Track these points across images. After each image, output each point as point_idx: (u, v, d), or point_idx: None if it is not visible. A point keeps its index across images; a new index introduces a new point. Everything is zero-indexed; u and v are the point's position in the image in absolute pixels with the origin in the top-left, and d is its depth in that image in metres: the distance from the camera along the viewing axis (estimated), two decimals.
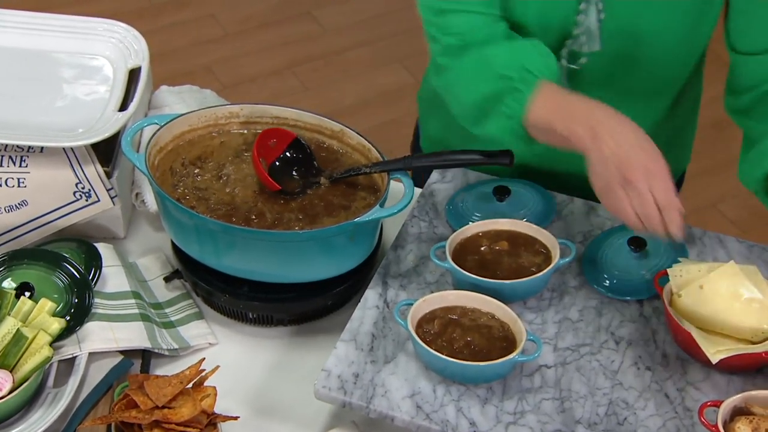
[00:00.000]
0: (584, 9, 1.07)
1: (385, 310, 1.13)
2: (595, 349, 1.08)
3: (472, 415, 1.02)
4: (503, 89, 1.04)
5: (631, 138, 0.96)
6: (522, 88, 1.03)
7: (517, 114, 1.03)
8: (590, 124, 0.97)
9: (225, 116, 1.25)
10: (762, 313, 1.03)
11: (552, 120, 1.01)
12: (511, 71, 1.04)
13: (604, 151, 0.96)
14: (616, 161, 0.95)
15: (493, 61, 1.05)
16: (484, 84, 1.05)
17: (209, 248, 1.14)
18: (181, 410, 0.97)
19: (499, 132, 1.06)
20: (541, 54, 1.05)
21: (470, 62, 1.07)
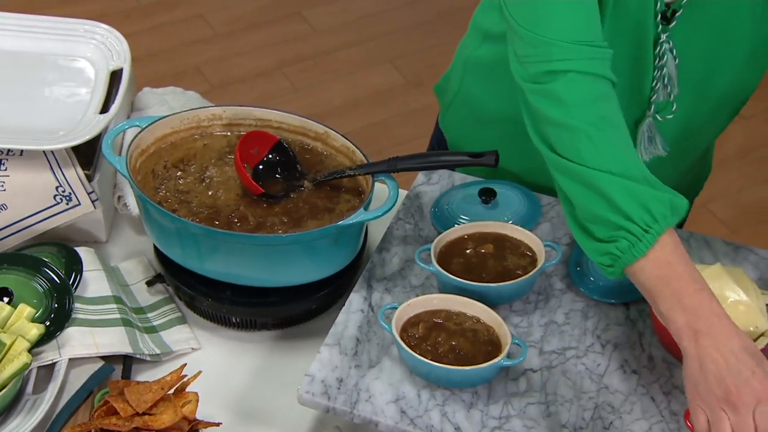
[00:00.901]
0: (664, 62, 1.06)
1: (369, 313, 1.12)
2: (581, 352, 1.07)
3: (457, 419, 1.01)
4: (617, 225, 0.93)
5: (736, 350, 0.88)
6: (642, 239, 0.92)
7: (624, 262, 0.94)
8: (695, 325, 0.89)
9: (208, 118, 1.24)
10: (748, 315, 1.02)
11: (657, 292, 0.92)
12: (630, 208, 0.93)
13: (706, 364, 0.88)
14: (719, 377, 0.87)
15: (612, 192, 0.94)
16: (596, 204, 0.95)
17: (192, 252, 1.13)
18: (161, 417, 0.96)
19: (591, 256, 0.98)
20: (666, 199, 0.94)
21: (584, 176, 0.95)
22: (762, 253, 1.18)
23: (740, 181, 2.36)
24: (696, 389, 0.89)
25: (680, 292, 0.91)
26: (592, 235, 0.96)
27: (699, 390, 0.89)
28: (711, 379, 0.88)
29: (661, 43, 1.05)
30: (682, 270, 0.93)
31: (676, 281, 0.92)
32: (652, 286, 0.93)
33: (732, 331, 0.90)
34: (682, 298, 0.91)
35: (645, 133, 1.12)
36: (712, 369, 0.88)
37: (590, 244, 0.97)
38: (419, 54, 2.06)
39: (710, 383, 0.88)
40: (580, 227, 0.98)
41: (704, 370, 0.88)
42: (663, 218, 0.93)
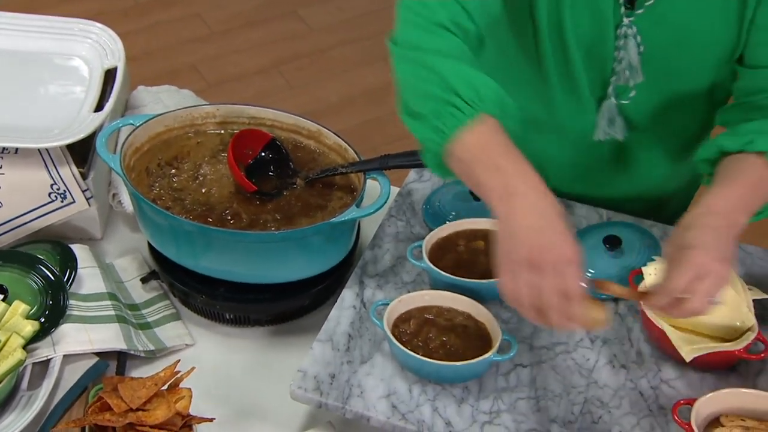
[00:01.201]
0: (623, 45, 1.07)
1: (361, 309, 1.13)
2: (570, 347, 1.09)
3: (447, 414, 1.02)
4: (445, 100, 0.93)
5: (546, 215, 0.87)
6: (464, 110, 0.92)
7: (445, 134, 0.93)
8: (510, 188, 0.88)
9: (201, 116, 1.25)
10: (735, 311, 1.03)
11: (476, 160, 0.91)
12: (461, 86, 0.93)
13: (516, 224, 0.87)
14: (526, 239, 0.86)
15: (446, 71, 0.94)
16: (427, 82, 0.95)
17: (186, 249, 1.14)
18: (155, 412, 0.97)
19: (421, 140, 0.97)
20: (498, 89, 0.95)
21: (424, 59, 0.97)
22: (748, 249, 1.19)
23: None
24: (505, 252, 0.88)
25: (497, 158, 0.90)
26: (419, 115, 0.95)
27: (508, 252, 0.87)
28: (518, 240, 0.86)
29: (624, 27, 1.06)
30: (501, 140, 0.92)
31: (495, 148, 0.91)
32: (472, 156, 0.91)
33: (543, 195, 0.88)
34: (501, 162, 0.90)
35: (605, 113, 1.13)
36: (520, 231, 0.86)
37: (417, 125, 0.95)
38: None
39: (517, 244, 0.86)
40: (410, 112, 0.97)
41: (513, 232, 0.87)
42: (489, 100, 0.93)
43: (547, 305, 0.86)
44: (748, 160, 0.99)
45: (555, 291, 0.86)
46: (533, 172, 0.91)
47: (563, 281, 0.86)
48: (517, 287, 0.87)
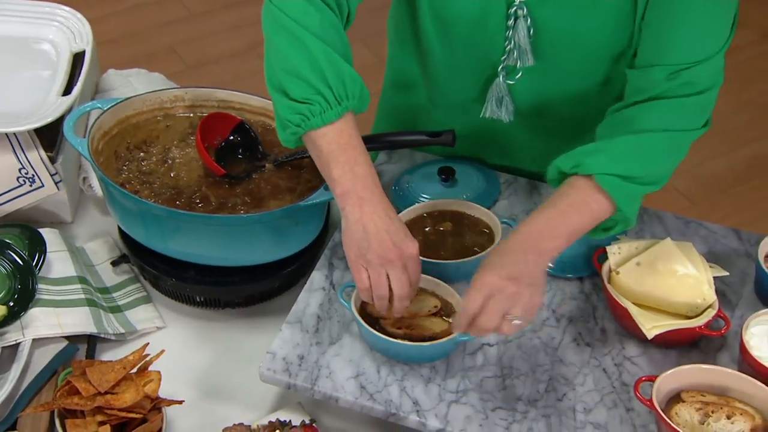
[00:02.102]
0: (512, 26, 1.08)
1: (331, 291, 1.13)
2: (536, 326, 1.10)
3: (415, 394, 1.03)
4: (315, 89, 0.99)
5: (392, 218, 0.99)
6: (333, 107, 0.99)
7: (310, 122, 1.00)
8: (360, 192, 0.99)
9: (170, 100, 1.25)
10: (696, 288, 1.05)
11: (334, 157, 1.00)
12: (332, 78, 0.99)
13: (369, 226, 0.98)
14: (380, 240, 0.98)
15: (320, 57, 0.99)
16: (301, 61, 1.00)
17: (155, 233, 1.14)
18: (123, 396, 0.98)
19: (283, 116, 1.02)
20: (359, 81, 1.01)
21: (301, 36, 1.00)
22: (711, 227, 1.21)
23: (699, 154, 2.40)
24: (359, 249, 0.99)
25: (355, 160, 1.00)
26: (287, 92, 1.01)
27: (361, 250, 0.98)
28: (373, 240, 0.98)
29: (515, 6, 1.06)
30: (357, 143, 1.01)
31: (352, 150, 1.00)
32: (331, 151, 1.00)
33: (386, 201, 1.00)
34: (354, 166, 0.99)
35: (494, 93, 1.14)
36: (373, 232, 0.98)
37: (284, 101, 1.01)
38: None
39: (372, 243, 0.98)
40: (277, 83, 1.02)
41: (367, 232, 0.98)
42: (353, 96, 1.00)
43: (401, 294, 1.00)
44: (576, 183, 1.01)
45: (405, 281, 1.00)
46: (377, 180, 1.01)
47: (410, 273, 1.00)
48: (374, 280, 0.99)
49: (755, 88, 2.68)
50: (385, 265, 0.98)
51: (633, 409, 1.01)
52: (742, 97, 2.64)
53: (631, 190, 1.00)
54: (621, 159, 0.99)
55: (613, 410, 1.01)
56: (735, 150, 2.47)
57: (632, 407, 1.01)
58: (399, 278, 0.99)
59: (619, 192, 0.99)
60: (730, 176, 2.40)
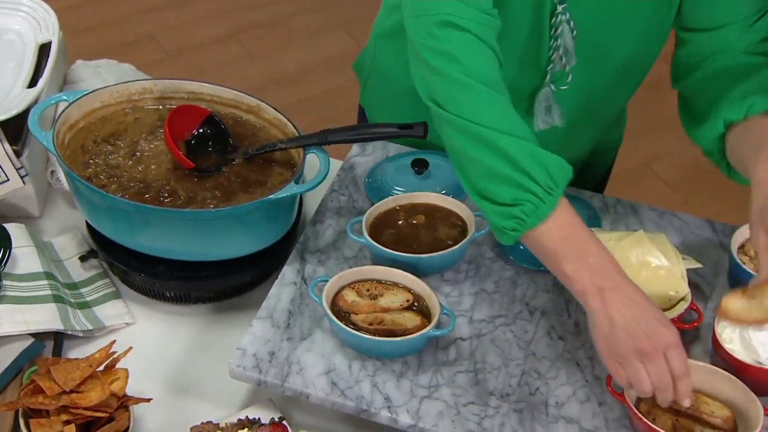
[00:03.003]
0: (558, 33, 1.06)
1: (302, 286, 1.12)
2: (509, 320, 1.09)
3: (387, 390, 1.02)
4: (522, 186, 0.94)
5: (641, 304, 0.92)
6: (545, 200, 0.94)
7: (526, 223, 0.94)
8: (600, 283, 0.92)
9: (138, 92, 1.23)
10: (669, 280, 1.04)
11: (561, 253, 0.94)
12: (534, 170, 0.94)
13: (615, 318, 0.91)
14: (629, 330, 0.91)
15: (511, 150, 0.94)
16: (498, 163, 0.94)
17: (123, 228, 1.12)
18: (89, 394, 0.96)
19: (496, 224, 0.97)
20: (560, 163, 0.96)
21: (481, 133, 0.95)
22: (685, 218, 1.20)
23: (682, 141, 2.39)
24: (609, 345, 0.92)
25: (585, 251, 0.94)
26: (493, 199, 0.96)
27: (611, 345, 0.92)
28: (621, 333, 0.91)
29: (557, 14, 1.06)
30: (581, 230, 0.95)
31: (579, 241, 0.94)
32: (557, 247, 0.94)
33: (632, 285, 0.93)
34: (587, 258, 0.93)
35: (542, 103, 1.13)
36: (621, 323, 0.91)
37: (493, 208, 0.96)
38: (373, 20, 2.09)
39: (621, 336, 0.91)
40: (480, 191, 0.97)
41: (614, 325, 0.91)
42: (561, 181, 0.95)
43: (663, 386, 0.92)
44: (759, 123, 1.01)
45: (667, 373, 0.92)
46: (617, 265, 0.94)
47: (671, 364, 0.92)
48: (631, 376, 0.92)
49: None
50: (640, 358, 0.91)
51: (605, 403, 1.01)
52: None
53: None
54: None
55: (586, 404, 1.01)
56: None
57: (605, 401, 1.01)
58: (657, 371, 0.91)
59: None
60: (712, 163, 2.40)
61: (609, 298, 0.92)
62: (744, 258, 1.09)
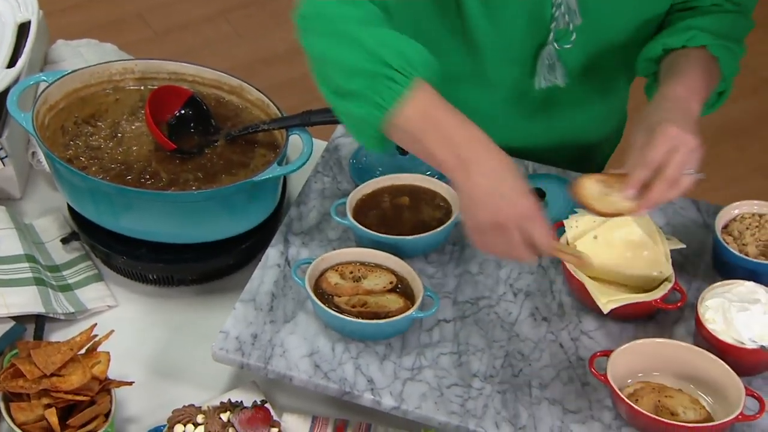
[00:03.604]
0: None
1: (285, 268, 1.11)
2: (493, 301, 1.09)
3: (370, 372, 1.02)
4: (377, 73, 0.92)
5: (503, 177, 0.92)
6: (399, 81, 0.92)
7: (384, 107, 0.93)
8: (463, 156, 0.91)
9: (119, 72, 1.21)
10: (653, 261, 1.04)
11: (423, 130, 0.93)
12: (389, 56, 0.92)
13: (476, 192, 0.91)
14: (489, 204, 0.91)
15: (368, 40, 0.93)
16: (351, 55, 0.93)
17: (105, 210, 1.11)
18: (70, 378, 0.96)
19: (357, 119, 0.95)
20: (421, 50, 0.95)
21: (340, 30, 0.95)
22: None
23: None
24: (471, 216, 0.93)
25: (448, 128, 0.93)
26: (351, 93, 0.94)
27: (473, 216, 0.93)
28: (482, 205, 0.91)
29: None
30: (444, 109, 0.94)
31: (442, 120, 0.93)
32: (420, 129, 0.93)
33: (495, 156, 0.92)
34: (449, 133, 0.92)
35: (545, 61, 1.12)
36: (481, 196, 0.91)
37: (350, 104, 0.94)
38: None
39: (482, 208, 0.92)
40: (339, 91, 0.95)
41: (475, 198, 0.92)
42: (417, 63, 0.93)
43: (518, 256, 0.94)
44: (691, 53, 1.05)
45: (523, 246, 0.92)
46: (481, 134, 0.93)
47: (529, 237, 0.92)
48: (488, 247, 0.94)
49: None
50: (498, 229, 0.92)
51: (589, 384, 1.01)
52: None
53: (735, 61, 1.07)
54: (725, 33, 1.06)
55: (569, 385, 1.01)
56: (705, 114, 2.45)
57: (588, 382, 1.01)
58: (513, 241, 0.92)
59: (729, 61, 1.05)
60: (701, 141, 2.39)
61: (471, 170, 0.91)
62: (728, 238, 1.08)
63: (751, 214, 1.10)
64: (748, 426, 0.96)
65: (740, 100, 2.52)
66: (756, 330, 0.97)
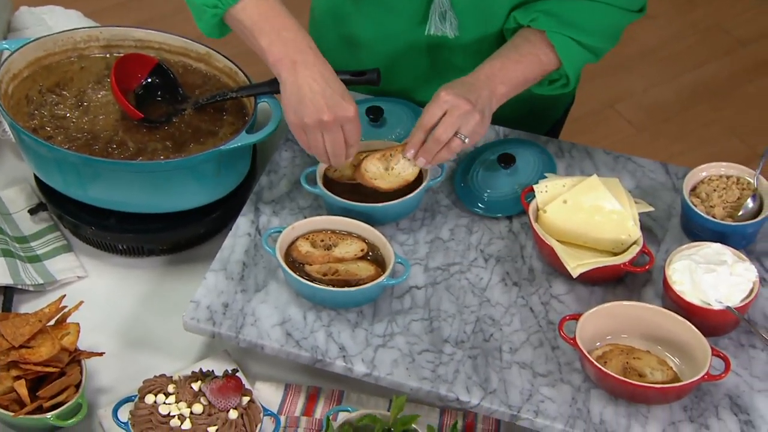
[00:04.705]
0: None
1: (256, 237, 1.11)
2: (464, 267, 1.09)
3: (341, 339, 1.02)
4: None
5: (327, 79, 1.00)
6: None
7: (226, 2, 1.01)
8: (292, 56, 1.00)
9: (84, 40, 1.19)
10: (621, 224, 1.04)
11: (259, 27, 1.01)
12: None
13: (304, 90, 1.00)
14: (315, 103, 1.00)
15: None
16: None
17: (72, 180, 1.10)
18: (39, 350, 0.95)
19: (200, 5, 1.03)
20: None
21: None
22: (639, 162, 1.20)
23: (644, 80, 2.40)
24: (296, 114, 1.01)
25: (280, 27, 1.01)
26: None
27: (298, 114, 1.01)
28: (308, 104, 1.00)
29: None
30: (278, 8, 1.03)
31: (275, 18, 1.02)
32: (253, 22, 1.01)
33: (320, 60, 1.02)
34: (281, 32, 1.01)
35: (437, 8, 1.12)
36: (308, 95, 1.00)
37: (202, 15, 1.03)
38: None
39: (307, 107, 1.00)
40: None
41: (302, 96, 1.00)
42: None
43: (336, 153, 1.04)
44: (529, 35, 1.09)
45: (340, 143, 1.03)
46: (310, 40, 1.02)
47: (347, 135, 1.03)
48: (311, 142, 1.03)
49: (700, 11, 2.66)
50: (321, 127, 1.01)
51: (558, 347, 1.02)
52: (686, 20, 2.61)
53: (577, 52, 1.09)
54: (573, 22, 1.08)
55: (539, 349, 1.02)
56: (680, 75, 2.45)
57: (558, 345, 1.02)
58: (333, 140, 1.02)
59: (567, 51, 1.08)
60: (676, 102, 2.40)
61: (300, 71, 1.00)
62: (695, 200, 1.09)
63: (719, 176, 1.11)
64: (714, 385, 0.98)
65: (714, 61, 2.54)
66: (722, 291, 0.98)
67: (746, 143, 2.28)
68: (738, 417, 0.96)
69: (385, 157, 1.09)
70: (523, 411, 0.96)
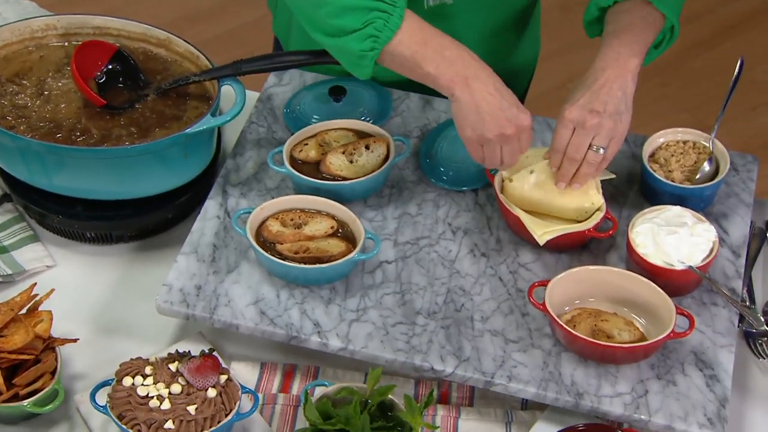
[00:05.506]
0: None
1: (226, 219, 1.12)
2: (433, 240, 1.11)
3: (316, 315, 1.03)
4: (368, 8, 0.98)
5: (501, 91, 1.00)
6: (391, 11, 0.98)
7: (381, 39, 0.98)
8: (462, 73, 0.99)
9: (41, 29, 1.18)
10: (585, 193, 1.07)
11: (421, 54, 0.99)
12: None
13: (482, 106, 0.99)
14: (495, 117, 1.00)
15: None
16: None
17: (36, 169, 1.09)
18: (12, 338, 0.95)
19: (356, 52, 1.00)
20: None
21: None
22: None
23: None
24: (474, 131, 1.02)
25: (441, 48, 1.00)
26: (346, 29, 0.99)
27: (477, 130, 1.01)
28: (488, 119, 1.00)
29: None
30: (432, 30, 1.01)
31: (433, 40, 1.00)
32: (414, 52, 1.00)
33: (491, 73, 1.01)
34: (444, 53, 1.00)
35: None
36: (487, 110, 1.00)
37: (348, 39, 1.00)
38: None
39: (488, 122, 1.00)
40: (331, 29, 1.00)
41: (481, 112, 1.00)
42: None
43: (512, 162, 1.05)
44: (623, 7, 1.07)
45: (518, 152, 1.04)
46: (473, 53, 1.01)
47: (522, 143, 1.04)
48: (487, 154, 1.03)
49: None
50: (501, 141, 1.01)
51: (528, 314, 1.04)
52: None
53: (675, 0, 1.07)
54: None
55: (510, 316, 1.04)
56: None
57: (527, 312, 1.04)
58: (512, 150, 1.03)
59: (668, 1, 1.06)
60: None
61: (474, 87, 0.99)
62: (654, 165, 1.12)
63: (676, 142, 1.14)
64: (679, 343, 1.01)
65: None
66: (684, 251, 1.01)
67: (695, 117, 2.34)
68: (703, 372, 0.99)
69: (348, 151, 1.10)
70: (497, 377, 0.99)
